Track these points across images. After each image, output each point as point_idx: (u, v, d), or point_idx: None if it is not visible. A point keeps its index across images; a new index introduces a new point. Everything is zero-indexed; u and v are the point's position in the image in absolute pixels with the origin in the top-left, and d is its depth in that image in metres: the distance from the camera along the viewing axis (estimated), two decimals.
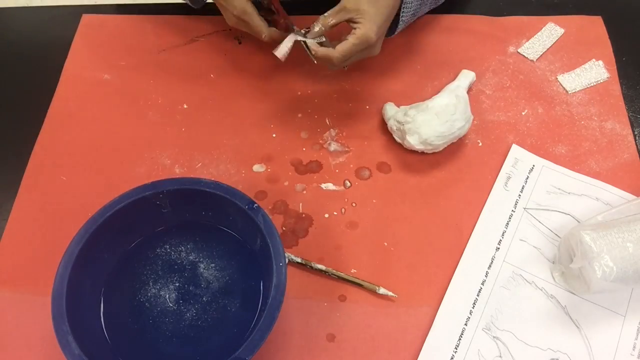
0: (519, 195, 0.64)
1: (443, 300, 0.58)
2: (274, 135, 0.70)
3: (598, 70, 0.73)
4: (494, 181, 0.65)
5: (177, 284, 0.58)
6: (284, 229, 0.63)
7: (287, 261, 0.57)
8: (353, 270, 0.60)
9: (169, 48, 0.78)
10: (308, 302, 0.58)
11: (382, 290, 0.58)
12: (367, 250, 0.61)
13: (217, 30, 0.79)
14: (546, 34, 0.77)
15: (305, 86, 0.73)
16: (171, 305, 0.57)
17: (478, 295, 0.58)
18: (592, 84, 0.73)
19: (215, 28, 0.79)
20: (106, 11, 0.82)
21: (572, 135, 0.69)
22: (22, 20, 0.83)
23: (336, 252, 0.61)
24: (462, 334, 0.56)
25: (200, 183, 0.56)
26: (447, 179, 0.66)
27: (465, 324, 0.56)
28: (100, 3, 0.85)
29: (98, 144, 0.69)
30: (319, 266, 0.59)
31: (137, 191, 0.56)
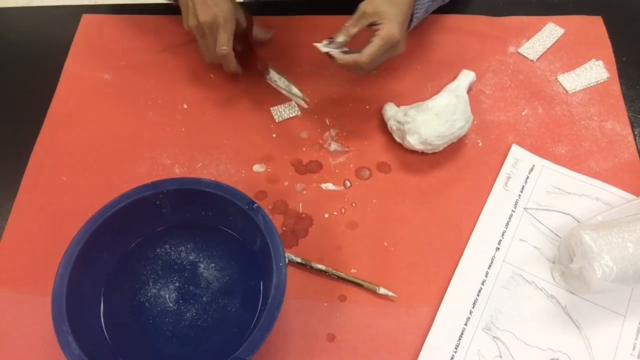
0: (519, 195, 0.64)
1: (443, 300, 0.58)
2: (274, 135, 0.70)
3: (598, 70, 0.73)
4: (494, 181, 0.65)
5: (177, 284, 0.58)
6: (284, 229, 0.63)
7: (287, 261, 0.57)
8: (353, 270, 0.60)
9: (169, 48, 0.78)
10: (308, 302, 0.58)
11: (382, 290, 0.58)
12: (367, 250, 0.61)
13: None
14: (546, 34, 0.77)
15: (305, 86, 0.73)
16: (171, 305, 0.57)
17: (478, 295, 0.58)
18: (592, 84, 0.73)
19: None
20: (106, 11, 0.82)
21: (572, 135, 0.69)
22: (22, 20, 0.83)
23: (336, 252, 0.61)
24: (462, 334, 0.56)
25: (200, 183, 0.56)
26: (447, 179, 0.66)
27: (465, 324, 0.56)
28: (100, 3, 0.85)
29: (98, 144, 0.69)
30: (319, 266, 0.59)
31: (137, 191, 0.56)
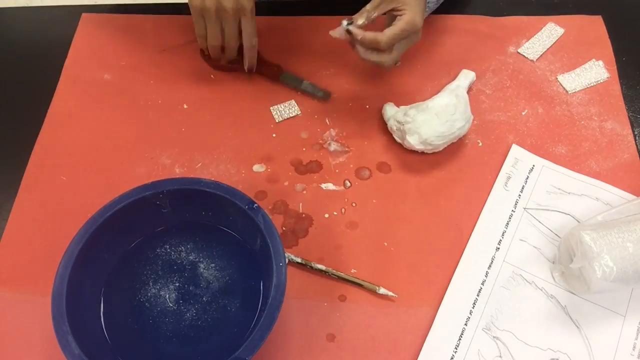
0: (519, 195, 0.64)
1: (443, 300, 0.58)
2: (274, 135, 0.70)
3: (598, 70, 0.73)
4: (494, 181, 0.65)
5: (177, 284, 0.58)
6: (284, 229, 0.63)
7: (287, 261, 0.57)
8: (353, 270, 0.60)
9: (169, 48, 0.78)
10: (308, 302, 0.58)
11: (382, 290, 0.58)
12: (367, 250, 0.61)
13: None
14: (546, 34, 0.77)
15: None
16: (171, 305, 0.57)
17: (478, 295, 0.58)
18: (592, 84, 0.73)
19: None
20: (106, 11, 0.82)
21: (572, 135, 0.69)
22: (22, 20, 0.83)
23: (336, 252, 0.61)
24: (462, 334, 0.56)
25: (200, 183, 0.56)
26: (447, 179, 0.66)
27: (465, 324, 0.56)
28: (100, 3, 0.85)
29: (98, 144, 0.69)
30: (319, 266, 0.59)
31: (137, 191, 0.56)
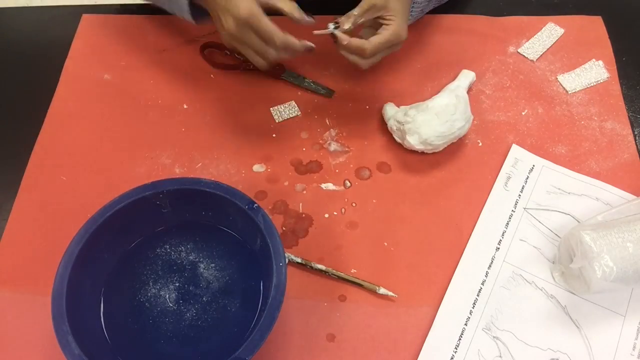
0: (519, 195, 0.64)
1: (443, 300, 0.58)
2: (274, 135, 0.70)
3: (598, 70, 0.73)
4: (494, 181, 0.65)
5: (177, 284, 0.58)
6: (284, 229, 0.63)
7: (287, 261, 0.57)
8: (353, 270, 0.60)
9: (169, 48, 0.78)
10: (308, 302, 0.58)
11: (382, 290, 0.58)
12: (367, 250, 0.61)
13: (217, 31, 0.79)
14: (546, 34, 0.77)
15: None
16: (171, 305, 0.57)
17: (478, 295, 0.58)
18: (592, 84, 0.73)
19: (216, 28, 0.79)
20: (106, 11, 0.82)
21: (572, 135, 0.69)
22: (22, 20, 0.83)
23: (336, 252, 0.61)
24: (462, 334, 0.56)
25: (200, 183, 0.56)
26: (447, 179, 0.66)
27: (465, 324, 0.56)
28: (100, 3, 0.85)
29: (98, 144, 0.69)
30: (319, 266, 0.59)
31: (137, 191, 0.56)
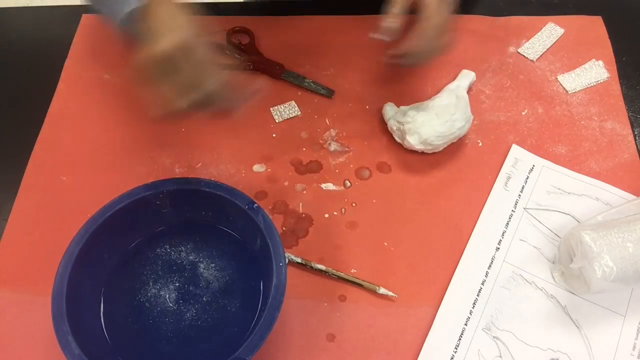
0: (519, 195, 0.64)
1: (443, 300, 0.58)
2: (274, 135, 0.70)
3: (598, 70, 0.73)
4: (494, 181, 0.65)
5: (177, 284, 0.58)
6: (284, 229, 0.63)
7: (287, 261, 0.57)
8: (353, 270, 0.60)
9: None
10: (308, 302, 0.58)
11: (382, 290, 0.58)
12: (367, 250, 0.61)
13: (217, 31, 0.79)
14: (546, 34, 0.77)
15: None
16: (171, 305, 0.57)
17: (478, 295, 0.58)
18: (592, 84, 0.73)
19: (215, 28, 0.79)
20: None
21: (572, 135, 0.69)
22: (22, 20, 0.83)
23: (336, 252, 0.61)
24: (462, 334, 0.56)
25: (200, 183, 0.56)
26: (447, 179, 0.66)
27: (465, 324, 0.56)
28: None
29: (98, 144, 0.69)
30: (319, 266, 0.59)
31: (137, 191, 0.56)
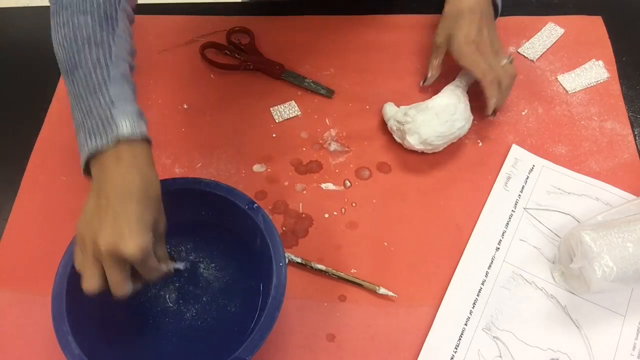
0: (519, 195, 0.64)
1: (443, 300, 0.58)
2: (274, 135, 0.70)
3: (598, 70, 0.73)
4: (494, 181, 0.65)
5: (177, 284, 0.58)
6: (284, 229, 0.63)
7: (287, 261, 0.57)
8: (353, 270, 0.60)
9: (169, 48, 0.78)
10: (308, 302, 0.58)
11: (382, 290, 0.58)
12: (367, 250, 0.61)
13: (217, 31, 0.79)
14: (546, 34, 0.77)
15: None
16: (171, 305, 0.57)
17: (478, 295, 0.58)
18: (592, 84, 0.73)
19: (215, 28, 0.79)
20: None
21: (572, 135, 0.69)
22: (22, 20, 0.83)
23: (336, 252, 0.61)
24: (462, 334, 0.56)
25: (200, 183, 0.56)
26: (447, 179, 0.66)
27: (465, 324, 0.56)
28: None
29: None
30: (319, 266, 0.59)
31: None
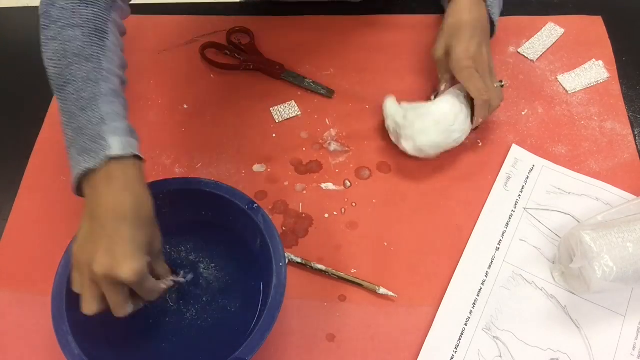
0: (519, 195, 0.64)
1: (443, 300, 0.58)
2: (274, 135, 0.70)
3: (598, 70, 0.73)
4: (494, 181, 0.65)
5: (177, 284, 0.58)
6: (284, 229, 0.63)
7: (287, 261, 0.57)
8: (353, 270, 0.60)
9: (169, 48, 0.78)
10: (308, 302, 0.58)
11: (382, 290, 0.58)
12: (367, 250, 0.61)
13: (217, 31, 0.79)
14: (546, 34, 0.77)
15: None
16: (171, 305, 0.57)
17: (478, 295, 0.58)
18: (592, 84, 0.73)
19: (215, 28, 0.79)
20: None
21: (572, 135, 0.69)
22: (22, 20, 0.83)
23: (336, 252, 0.61)
24: (462, 334, 0.56)
25: (200, 183, 0.56)
26: (447, 179, 0.66)
27: (465, 324, 0.56)
28: None
29: None
30: (319, 266, 0.59)
31: None
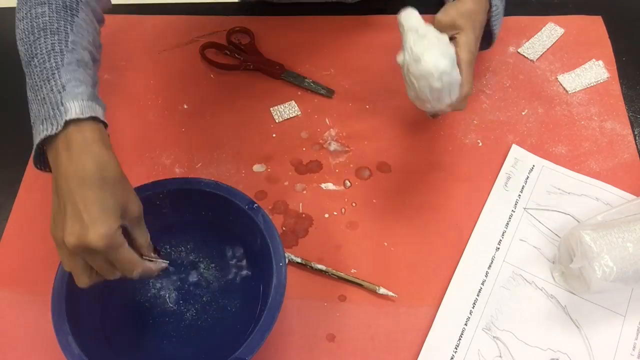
0: (519, 195, 0.64)
1: (443, 300, 0.58)
2: (274, 135, 0.70)
3: (598, 70, 0.73)
4: (494, 181, 0.65)
5: (177, 284, 0.58)
6: (284, 229, 0.63)
7: (287, 261, 0.57)
8: (353, 270, 0.60)
9: (169, 48, 0.78)
10: (308, 302, 0.58)
11: (382, 290, 0.58)
12: (367, 250, 0.61)
13: (217, 31, 0.79)
14: (546, 34, 0.77)
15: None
16: (171, 305, 0.57)
17: (478, 295, 0.58)
18: (592, 84, 0.73)
19: (215, 28, 0.79)
20: (106, 11, 0.82)
21: (572, 135, 0.69)
22: None
23: (336, 252, 0.61)
24: (462, 334, 0.56)
25: (200, 183, 0.56)
26: (447, 178, 0.66)
27: (465, 324, 0.56)
28: None
29: None
30: (319, 266, 0.59)
31: (137, 191, 0.55)
